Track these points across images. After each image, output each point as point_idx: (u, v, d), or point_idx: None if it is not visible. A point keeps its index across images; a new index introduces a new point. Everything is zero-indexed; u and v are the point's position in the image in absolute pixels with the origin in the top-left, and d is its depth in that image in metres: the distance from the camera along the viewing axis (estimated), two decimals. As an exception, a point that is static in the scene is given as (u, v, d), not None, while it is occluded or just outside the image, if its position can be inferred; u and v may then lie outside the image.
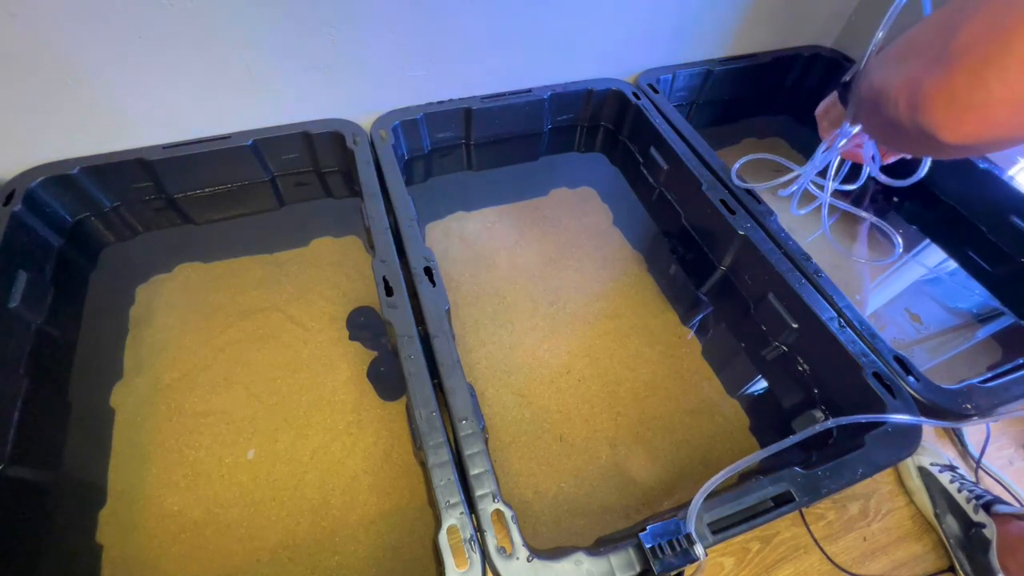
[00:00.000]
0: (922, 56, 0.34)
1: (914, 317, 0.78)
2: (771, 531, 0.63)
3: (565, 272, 0.83)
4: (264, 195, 0.87)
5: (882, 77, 0.40)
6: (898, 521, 0.66)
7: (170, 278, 0.77)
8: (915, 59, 0.35)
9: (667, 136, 0.87)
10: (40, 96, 0.68)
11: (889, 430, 0.56)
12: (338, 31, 0.74)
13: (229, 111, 0.79)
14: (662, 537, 0.46)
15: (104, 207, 0.81)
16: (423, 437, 0.52)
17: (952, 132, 0.33)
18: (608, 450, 0.65)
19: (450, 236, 0.86)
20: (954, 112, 0.32)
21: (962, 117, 0.32)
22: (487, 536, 0.47)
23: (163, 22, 0.66)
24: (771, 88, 1.12)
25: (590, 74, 0.96)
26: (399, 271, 0.65)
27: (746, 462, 0.49)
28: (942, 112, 0.33)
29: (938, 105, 0.33)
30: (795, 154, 1.03)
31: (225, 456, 0.62)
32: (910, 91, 0.35)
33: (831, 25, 1.07)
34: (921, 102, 0.34)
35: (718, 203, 0.77)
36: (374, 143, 0.82)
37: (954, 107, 0.32)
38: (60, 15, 0.61)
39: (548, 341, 0.74)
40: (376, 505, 0.60)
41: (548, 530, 0.59)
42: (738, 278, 0.78)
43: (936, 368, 0.73)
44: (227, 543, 0.57)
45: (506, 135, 0.97)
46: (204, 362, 0.69)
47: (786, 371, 0.71)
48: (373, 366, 0.70)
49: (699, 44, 1.00)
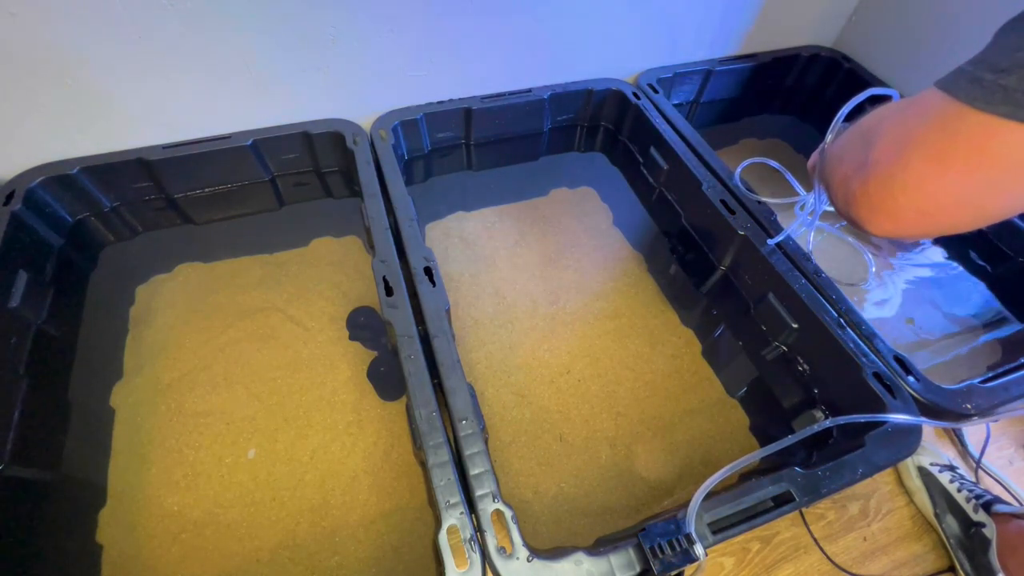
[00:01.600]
0: (852, 160, 0.40)
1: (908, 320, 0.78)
2: (771, 531, 0.63)
3: (565, 272, 0.83)
4: (264, 195, 0.87)
5: (828, 169, 0.46)
6: (898, 521, 0.66)
7: (170, 278, 0.77)
8: (848, 160, 0.41)
9: (667, 136, 0.87)
10: (40, 96, 0.68)
11: (889, 430, 0.56)
12: (338, 31, 0.74)
13: (229, 111, 0.79)
14: (662, 537, 0.46)
15: (104, 207, 0.81)
16: (423, 437, 0.52)
17: (875, 228, 0.39)
18: (608, 450, 0.65)
19: (450, 236, 0.86)
20: (873, 214, 0.38)
21: (880, 218, 0.38)
22: (487, 536, 0.47)
23: (163, 22, 0.66)
24: (771, 88, 1.12)
25: (590, 74, 0.96)
26: (399, 271, 0.65)
27: (745, 461, 0.49)
28: (865, 212, 0.39)
29: (862, 206, 0.39)
30: (796, 155, 1.03)
31: (225, 456, 0.62)
32: (844, 189, 0.41)
33: (831, 25, 1.07)
34: (851, 200, 0.40)
35: (718, 203, 0.77)
36: (374, 143, 0.82)
37: (873, 210, 0.38)
38: (60, 15, 0.61)
39: (548, 341, 0.74)
40: (376, 505, 0.60)
41: (548, 530, 0.59)
42: (738, 278, 0.78)
43: (936, 368, 0.73)
44: (227, 543, 0.57)
45: (506, 135, 0.97)
46: (204, 362, 0.69)
47: (786, 371, 0.71)
48: (373, 366, 0.70)
49: (699, 44, 1.00)
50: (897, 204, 0.36)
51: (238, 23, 0.69)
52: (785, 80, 1.12)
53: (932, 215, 0.35)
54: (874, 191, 0.37)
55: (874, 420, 0.56)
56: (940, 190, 0.34)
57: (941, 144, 0.33)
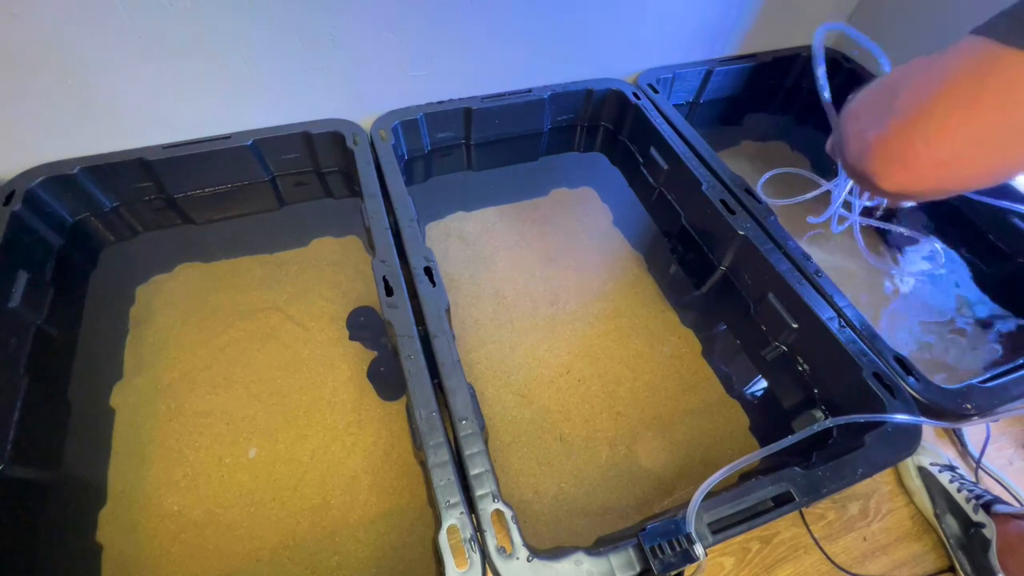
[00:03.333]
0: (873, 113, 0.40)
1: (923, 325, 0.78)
2: (771, 531, 0.63)
3: (565, 272, 0.83)
4: (264, 195, 0.87)
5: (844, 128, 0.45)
6: (898, 521, 0.66)
7: (170, 278, 0.77)
8: (867, 114, 0.40)
9: (667, 136, 0.87)
10: (40, 96, 0.68)
11: (889, 430, 0.56)
12: (338, 31, 0.74)
13: (229, 111, 0.79)
14: (662, 537, 0.47)
15: (104, 207, 0.81)
16: (423, 437, 0.52)
17: (887, 180, 0.38)
18: (608, 450, 0.65)
19: (450, 236, 0.86)
20: (889, 164, 0.37)
21: (894, 169, 0.37)
22: (487, 536, 0.47)
23: (163, 22, 0.66)
24: (771, 88, 1.12)
25: (590, 74, 0.96)
26: (399, 271, 0.65)
27: (745, 461, 0.49)
28: (880, 163, 0.38)
29: (877, 156, 0.38)
30: (796, 155, 1.03)
31: (225, 456, 0.62)
32: (859, 142, 0.40)
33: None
34: (865, 153, 0.39)
35: (718, 203, 0.77)
36: (374, 143, 0.82)
37: (889, 160, 0.37)
38: (60, 15, 0.61)
39: (548, 341, 0.74)
40: (376, 505, 0.60)
41: (548, 530, 0.59)
42: (738, 278, 0.78)
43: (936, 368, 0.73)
44: (227, 543, 0.57)
45: (506, 135, 0.97)
46: (204, 362, 0.69)
47: (786, 371, 0.71)
48: (373, 366, 0.70)
49: (699, 44, 1.00)
50: (915, 152, 0.35)
51: (238, 23, 0.69)
52: (785, 80, 1.12)
53: (949, 164, 0.34)
54: (893, 138, 0.36)
55: (874, 420, 0.56)
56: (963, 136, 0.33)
57: (970, 86, 0.32)
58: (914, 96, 0.35)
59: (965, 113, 0.32)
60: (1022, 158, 0.33)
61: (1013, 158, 0.33)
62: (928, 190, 0.38)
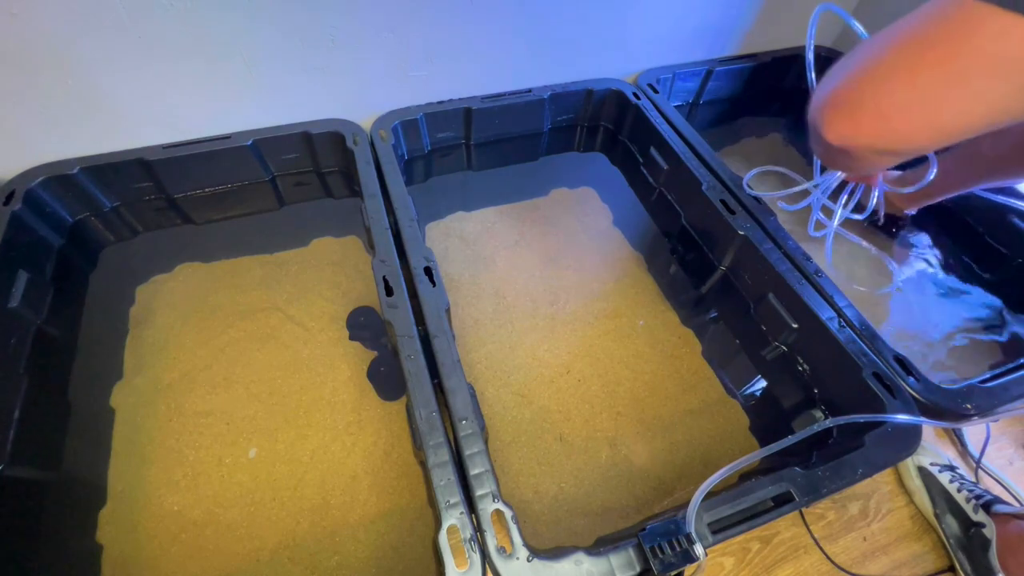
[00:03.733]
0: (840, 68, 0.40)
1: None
2: (771, 531, 0.63)
3: (565, 272, 0.82)
4: (264, 195, 0.87)
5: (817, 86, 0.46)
6: (898, 521, 0.66)
7: (170, 278, 0.77)
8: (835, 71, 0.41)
9: (667, 136, 0.87)
10: (40, 96, 0.68)
11: (889, 430, 0.56)
12: (338, 31, 0.74)
13: (229, 111, 0.79)
14: (662, 537, 0.47)
15: (104, 207, 0.81)
16: (423, 437, 0.52)
17: (831, 131, 0.39)
18: (608, 450, 0.65)
19: (450, 236, 0.86)
20: (835, 113, 0.38)
21: (839, 118, 0.38)
22: (487, 536, 0.47)
23: (164, 22, 0.66)
24: (771, 88, 1.12)
25: (590, 74, 0.96)
26: (399, 271, 0.65)
27: (745, 461, 0.49)
28: (828, 112, 0.39)
29: (827, 105, 0.39)
30: (796, 155, 1.03)
31: (225, 456, 0.62)
32: (819, 93, 0.41)
33: (831, 25, 1.07)
34: (819, 103, 0.40)
35: (718, 203, 0.77)
36: (374, 143, 0.82)
37: (835, 109, 0.38)
38: (60, 15, 0.61)
39: (548, 341, 0.74)
40: (376, 505, 0.60)
41: (548, 530, 0.59)
42: (738, 278, 0.78)
43: (936, 368, 0.73)
44: (227, 543, 0.57)
45: (506, 135, 0.97)
46: (204, 362, 0.69)
47: (786, 371, 0.71)
48: (373, 366, 0.70)
49: (699, 44, 1.00)
50: (861, 101, 0.36)
51: (238, 23, 0.69)
52: (785, 80, 1.12)
53: (889, 118, 0.35)
54: (843, 87, 0.37)
55: (874, 420, 0.56)
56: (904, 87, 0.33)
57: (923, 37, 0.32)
58: (871, 46, 0.36)
59: (910, 62, 0.33)
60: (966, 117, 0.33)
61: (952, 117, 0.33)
62: (864, 145, 0.38)
